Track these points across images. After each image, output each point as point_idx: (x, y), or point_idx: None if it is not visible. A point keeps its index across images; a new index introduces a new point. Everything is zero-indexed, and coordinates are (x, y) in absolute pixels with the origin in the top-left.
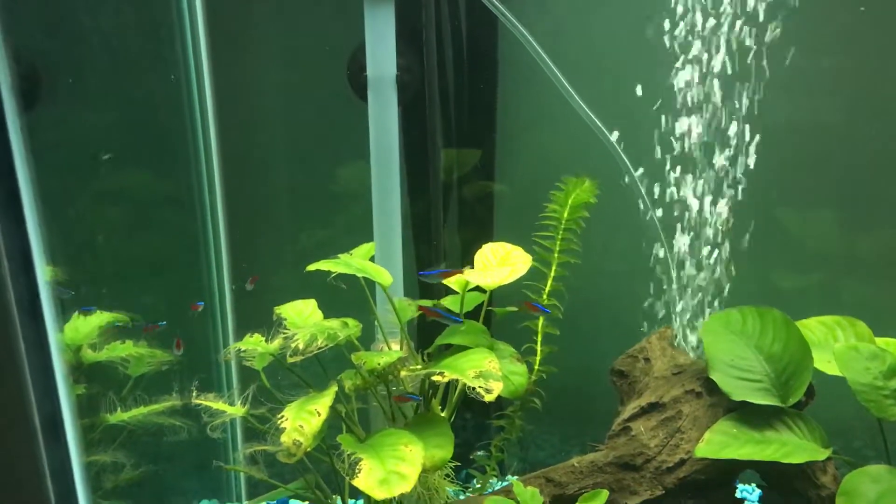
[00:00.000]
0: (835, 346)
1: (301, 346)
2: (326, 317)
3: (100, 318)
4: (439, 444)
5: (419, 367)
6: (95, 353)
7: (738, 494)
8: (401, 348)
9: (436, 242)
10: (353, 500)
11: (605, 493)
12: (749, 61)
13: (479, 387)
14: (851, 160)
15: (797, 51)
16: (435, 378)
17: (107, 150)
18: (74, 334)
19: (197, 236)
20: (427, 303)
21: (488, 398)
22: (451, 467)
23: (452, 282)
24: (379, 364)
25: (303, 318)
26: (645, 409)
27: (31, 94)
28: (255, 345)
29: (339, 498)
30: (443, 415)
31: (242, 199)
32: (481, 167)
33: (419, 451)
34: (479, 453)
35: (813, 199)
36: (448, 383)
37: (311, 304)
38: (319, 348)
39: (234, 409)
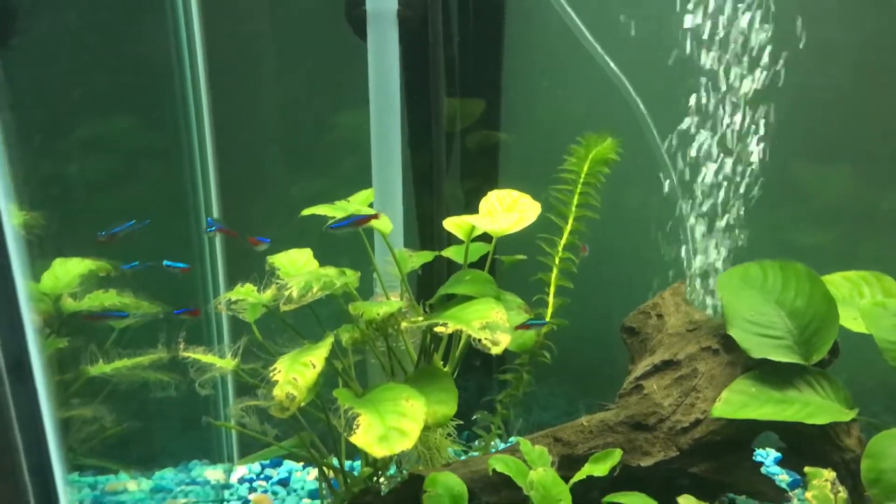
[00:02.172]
0: (861, 302)
1: (295, 295)
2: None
3: (81, 265)
4: (442, 400)
5: (421, 318)
6: (77, 303)
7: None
8: (401, 300)
9: (438, 192)
10: (350, 462)
11: (618, 453)
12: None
13: (486, 339)
14: (873, 116)
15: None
16: (438, 329)
17: (88, 91)
18: (54, 283)
19: (185, 186)
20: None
21: (495, 350)
22: (453, 426)
23: (456, 228)
24: (378, 315)
25: (297, 268)
26: (658, 367)
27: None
28: (247, 294)
29: (334, 457)
30: (446, 369)
31: (234, 148)
32: (486, 115)
33: (421, 407)
34: (481, 413)
35: (834, 155)
36: (451, 336)
37: (307, 253)
38: (315, 296)
39: (224, 363)
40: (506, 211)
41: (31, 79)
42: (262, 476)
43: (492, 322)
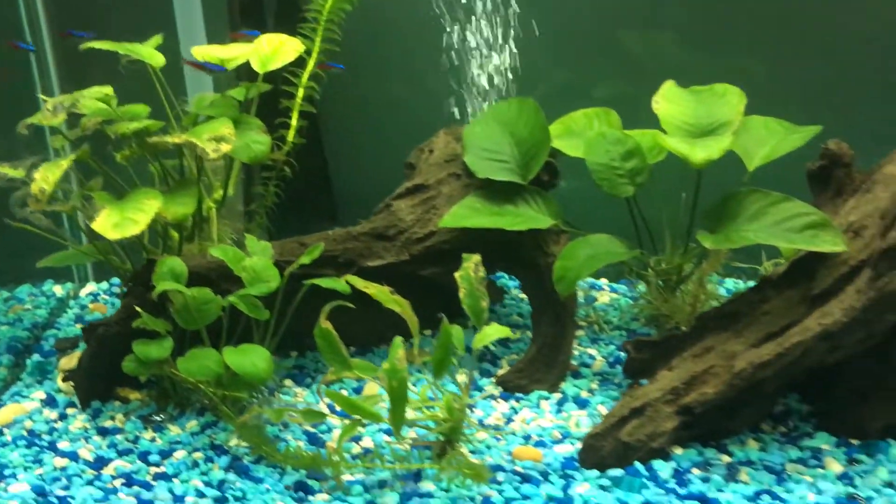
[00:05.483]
0: (588, 133)
1: (50, 108)
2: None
3: None
4: (184, 203)
5: (169, 137)
6: None
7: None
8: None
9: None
10: None
11: (320, 246)
12: None
13: (210, 148)
14: None
15: None
16: (168, 141)
17: None
18: None
19: None
20: None
21: (213, 156)
22: (232, 239)
23: (204, 59)
24: (128, 129)
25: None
26: (410, 190)
27: None
28: (39, 120)
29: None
30: (219, 193)
31: None
32: None
33: (156, 204)
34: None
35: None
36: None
37: (107, 89)
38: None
39: (15, 172)
40: (272, 50)
41: None
42: (108, 292)
43: (219, 135)
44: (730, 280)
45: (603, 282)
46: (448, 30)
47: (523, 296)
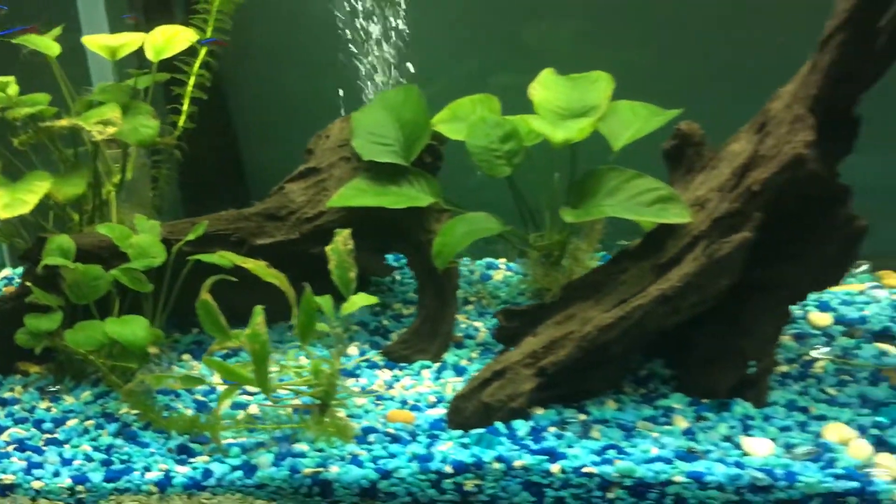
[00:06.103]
0: (472, 117)
1: None
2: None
3: None
4: (75, 184)
5: (60, 120)
6: None
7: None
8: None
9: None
10: None
11: (204, 223)
12: None
13: (95, 130)
14: None
15: None
16: (57, 124)
17: None
18: None
19: None
20: None
21: (98, 138)
22: None
23: (96, 48)
24: (20, 114)
25: None
26: (303, 174)
27: None
28: None
29: None
30: (118, 177)
31: None
32: None
33: (45, 186)
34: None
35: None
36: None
37: (8, 78)
38: None
39: None
40: (166, 40)
41: None
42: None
43: (106, 119)
44: None
45: (501, 261)
46: (358, 17)
47: None
